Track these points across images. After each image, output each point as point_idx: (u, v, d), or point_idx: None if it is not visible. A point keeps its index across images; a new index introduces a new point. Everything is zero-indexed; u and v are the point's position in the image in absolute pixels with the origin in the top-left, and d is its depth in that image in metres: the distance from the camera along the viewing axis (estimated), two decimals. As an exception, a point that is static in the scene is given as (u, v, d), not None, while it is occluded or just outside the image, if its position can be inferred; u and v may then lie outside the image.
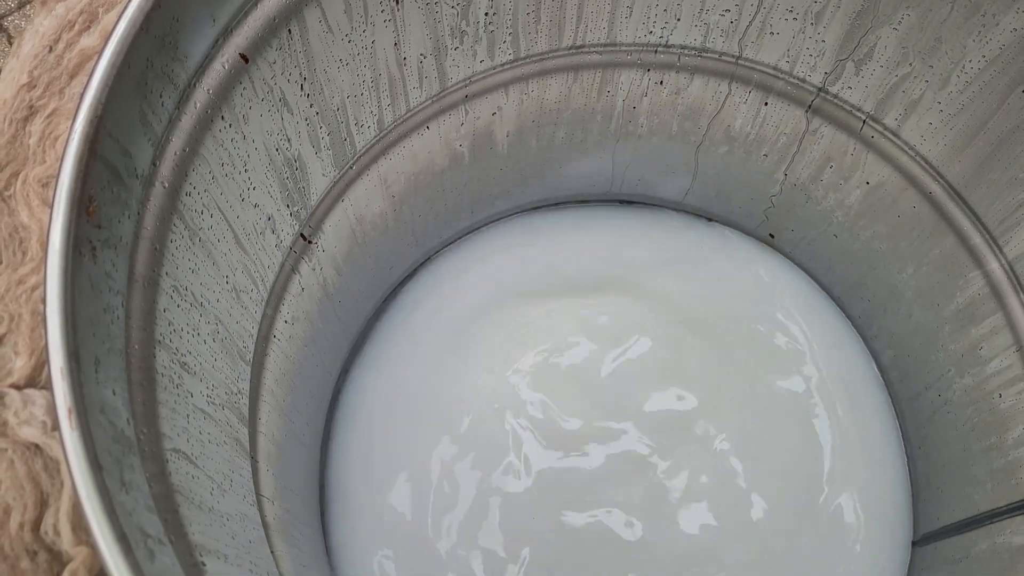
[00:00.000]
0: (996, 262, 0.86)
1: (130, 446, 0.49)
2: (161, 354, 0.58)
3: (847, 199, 1.01)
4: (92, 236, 0.49)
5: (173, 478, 0.55)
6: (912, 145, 0.89)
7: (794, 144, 1.00)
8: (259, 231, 0.76)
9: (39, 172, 0.58)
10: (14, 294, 0.55)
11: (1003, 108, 0.78)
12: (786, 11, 0.85)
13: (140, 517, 0.46)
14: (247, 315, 0.77)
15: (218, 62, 0.62)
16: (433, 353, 1.09)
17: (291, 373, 0.91)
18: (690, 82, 0.98)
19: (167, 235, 0.59)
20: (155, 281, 0.58)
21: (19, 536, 0.49)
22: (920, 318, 0.98)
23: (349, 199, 0.91)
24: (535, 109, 1.01)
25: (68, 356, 0.44)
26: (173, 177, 0.59)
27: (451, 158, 1.01)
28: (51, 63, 0.61)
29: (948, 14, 0.76)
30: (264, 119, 0.70)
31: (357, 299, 1.05)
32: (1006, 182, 0.81)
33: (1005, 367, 0.88)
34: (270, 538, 0.76)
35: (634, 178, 1.16)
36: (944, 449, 0.97)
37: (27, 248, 0.57)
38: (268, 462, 0.83)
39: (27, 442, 0.51)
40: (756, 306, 1.12)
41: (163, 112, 0.57)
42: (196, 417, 0.63)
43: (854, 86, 0.89)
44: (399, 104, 0.87)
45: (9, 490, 0.50)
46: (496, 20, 0.85)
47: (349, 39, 0.75)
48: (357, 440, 1.04)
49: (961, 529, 0.92)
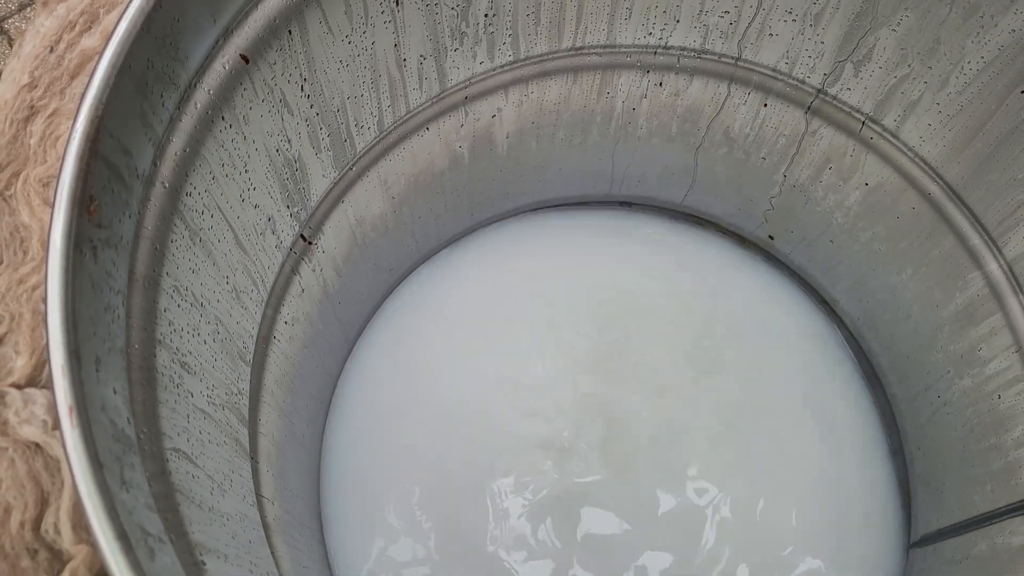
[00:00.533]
0: (995, 263, 0.86)
1: (130, 445, 0.49)
2: (161, 354, 0.58)
3: (846, 200, 1.01)
4: (93, 235, 0.49)
5: (173, 477, 0.55)
6: (911, 146, 0.89)
7: (793, 145, 1.00)
8: (259, 232, 0.76)
9: (40, 172, 0.58)
10: (15, 293, 0.56)
11: (1002, 109, 0.78)
12: (785, 12, 0.85)
13: (140, 515, 0.46)
14: (247, 316, 0.77)
15: (219, 63, 0.62)
16: (432, 355, 1.09)
17: (291, 374, 0.91)
18: (689, 84, 0.98)
19: (168, 235, 0.60)
20: (155, 281, 0.58)
21: (20, 535, 0.49)
22: (919, 319, 0.98)
23: (349, 200, 0.91)
24: (535, 110, 1.01)
25: (69, 354, 0.44)
26: (174, 177, 0.59)
27: (451, 159, 1.01)
28: (52, 63, 0.61)
29: (947, 15, 0.76)
30: (264, 120, 0.70)
31: (357, 300, 1.05)
32: (1005, 183, 0.82)
33: (1004, 368, 0.88)
34: (270, 538, 0.76)
35: (633, 179, 1.16)
36: (943, 450, 0.97)
37: (28, 248, 0.57)
38: (268, 463, 0.83)
39: (28, 441, 0.51)
40: (748, 310, 1.13)
41: (164, 112, 0.57)
42: (196, 417, 0.63)
43: (853, 87, 0.90)
44: (399, 105, 0.88)
45: (10, 489, 0.50)
46: (496, 22, 0.85)
47: (349, 40, 0.75)
48: (354, 441, 1.04)
49: (961, 530, 0.92)
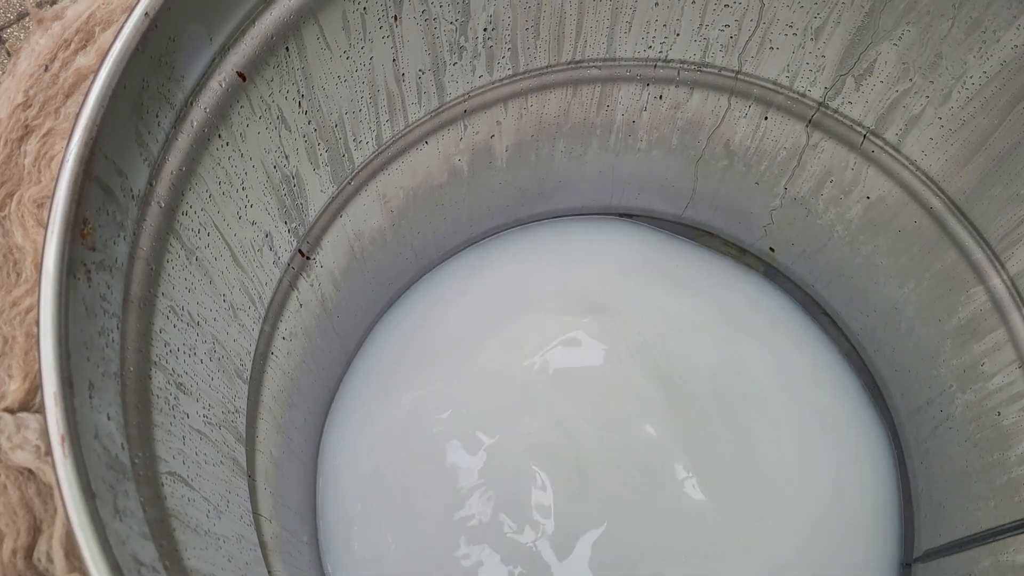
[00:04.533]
0: (998, 277, 0.86)
1: (124, 472, 0.48)
2: (157, 375, 0.57)
3: (847, 213, 1.00)
4: (87, 259, 0.49)
5: (168, 502, 0.54)
6: (913, 160, 0.89)
7: (794, 158, 1.00)
8: (257, 248, 0.75)
9: (34, 192, 0.58)
10: (8, 316, 0.55)
11: (1004, 124, 0.78)
12: (786, 26, 0.85)
13: (134, 545, 0.46)
14: (244, 333, 0.76)
15: (215, 81, 0.61)
16: (430, 368, 1.08)
17: (289, 390, 0.90)
18: (689, 96, 0.98)
19: (163, 255, 0.59)
20: (151, 302, 0.57)
21: (11, 563, 0.48)
22: (921, 333, 0.98)
23: (347, 215, 0.91)
24: (534, 124, 1.00)
25: (62, 381, 0.44)
26: (169, 197, 0.59)
27: (450, 173, 1.01)
28: (47, 82, 0.61)
29: (948, 30, 0.76)
30: (262, 137, 0.70)
31: (355, 314, 1.05)
32: (1008, 197, 0.81)
33: (1008, 383, 0.87)
34: (267, 558, 0.76)
35: (633, 192, 1.15)
36: (946, 465, 0.97)
37: (21, 269, 0.56)
38: (266, 480, 0.82)
39: (20, 467, 0.51)
40: (748, 324, 1.12)
41: (159, 132, 0.57)
42: (192, 438, 0.62)
43: (854, 101, 0.89)
44: (397, 120, 0.87)
45: (1, 516, 0.50)
46: (495, 35, 0.85)
47: (347, 56, 0.74)
48: (352, 456, 1.04)
49: (963, 546, 0.91)
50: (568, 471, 1.01)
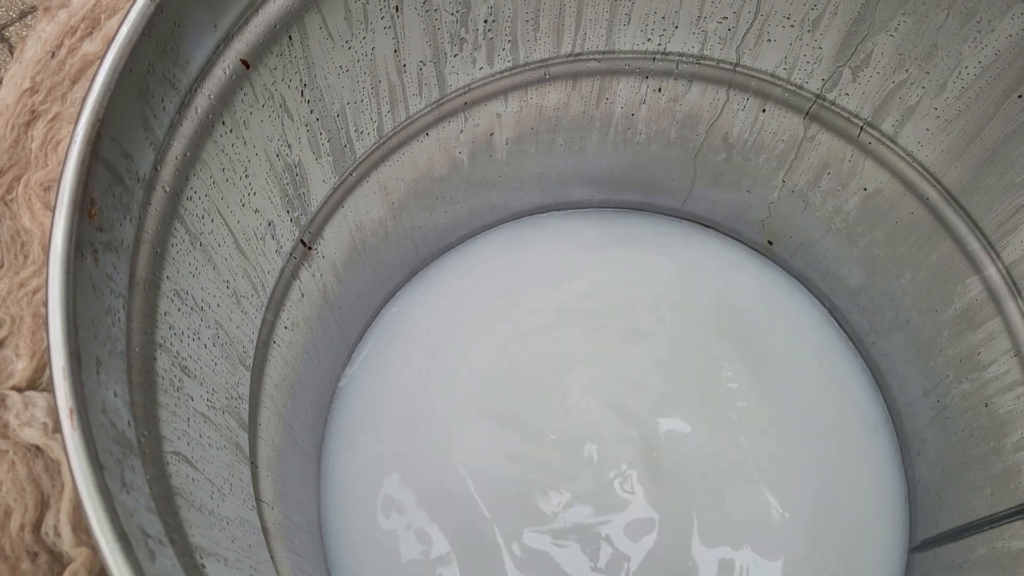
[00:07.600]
0: (994, 267, 0.86)
1: (131, 447, 0.49)
2: (162, 357, 0.58)
3: (845, 205, 1.01)
4: (93, 239, 0.50)
5: (173, 480, 0.55)
6: (909, 151, 0.90)
7: (792, 151, 1.01)
8: (259, 236, 0.76)
9: (41, 176, 0.59)
10: (15, 297, 0.56)
11: (999, 113, 0.78)
12: (783, 18, 0.86)
13: (141, 517, 0.46)
14: (247, 320, 0.77)
15: (219, 67, 0.62)
16: (431, 359, 1.09)
17: (291, 379, 0.91)
18: (688, 89, 0.99)
19: (168, 239, 0.60)
20: (156, 284, 0.58)
21: (20, 537, 0.49)
22: (918, 323, 0.98)
23: (349, 205, 0.91)
24: (534, 116, 1.01)
25: (70, 356, 0.44)
26: (174, 181, 0.60)
27: (450, 165, 1.01)
28: (53, 68, 0.62)
29: (944, 20, 0.76)
30: (265, 125, 0.70)
31: (356, 305, 1.06)
32: (1003, 187, 0.82)
33: (1003, 372, 0.88)
34: (270, 543, 0.76)
35: (632, 185, 1.16)
36: (943, 454, 0.97)
37: (29, 251, 0.57)
38: (268, 468, 0.83)
39: (28, 444, 0.51)
40: (751, 314, 1.13)
41: (164, 116, 0.58)
42: (196, 421, 0.63)
43: (851, 93, 0.90)
44: (399, 111, 0.88)
45: (10, 491, 0.50)
46: (495, 28, 0.86)
47: (349, 46, 0.75)
48: (352, 447, 1.04)
49: (960, 534, 0.92)
50: (571, 457, 1.01)
